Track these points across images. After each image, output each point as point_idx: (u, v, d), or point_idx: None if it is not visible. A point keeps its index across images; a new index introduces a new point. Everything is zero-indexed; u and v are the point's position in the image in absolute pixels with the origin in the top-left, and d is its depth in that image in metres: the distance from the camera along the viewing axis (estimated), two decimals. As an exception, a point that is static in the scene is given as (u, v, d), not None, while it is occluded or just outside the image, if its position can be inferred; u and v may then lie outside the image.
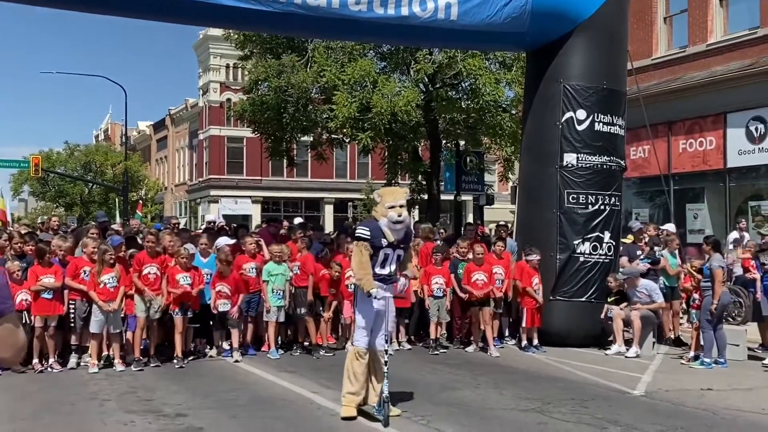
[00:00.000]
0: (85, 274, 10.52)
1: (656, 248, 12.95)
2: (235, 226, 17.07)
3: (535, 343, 12.16)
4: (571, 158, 12.67)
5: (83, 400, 8.51)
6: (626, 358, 11.46)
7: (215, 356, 11.32)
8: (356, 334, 7.81)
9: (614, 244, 12.84)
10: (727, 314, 12.02)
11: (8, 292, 2.88)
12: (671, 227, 14.20)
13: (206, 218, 24.32)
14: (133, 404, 8.27)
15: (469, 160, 24.87)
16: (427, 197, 24.37)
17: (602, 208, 12.72)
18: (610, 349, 12.01)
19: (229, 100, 43.63)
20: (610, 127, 12.86)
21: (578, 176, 12.66)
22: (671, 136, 20.13)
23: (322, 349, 11.69)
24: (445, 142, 24.50)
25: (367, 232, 7.54)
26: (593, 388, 9.31)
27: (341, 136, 22.98)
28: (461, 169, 24.78)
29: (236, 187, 48.34)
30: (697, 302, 11.22)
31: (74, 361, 10.47)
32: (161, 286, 10.79)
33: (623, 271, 12.28)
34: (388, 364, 7.47)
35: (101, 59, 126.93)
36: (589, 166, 12.69)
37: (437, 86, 21.49)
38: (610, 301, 12.28)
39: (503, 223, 17.29)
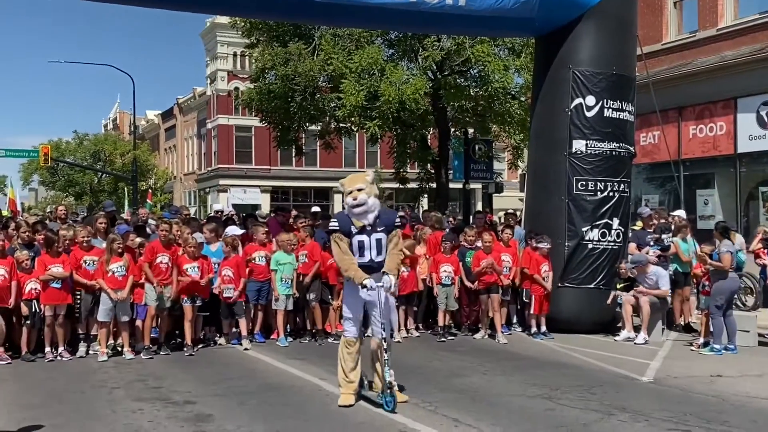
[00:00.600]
0: (86, 264, 10.55)
1: (664, 235, 12.88)
2: (244, 215, 17.09)
3: (543, 329, 12.16)
4: (580, 145, 12.61)
5: (92, 388, 8.55)
6: (635, 344, 11.42)
7: (224, 344, 11.37)
8: (344, 323, 7.96)
9: (623, 230, 12.80)
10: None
11: None
12: (682, 213, 14.13)
13: (214, 207, 24.33)
14: (141, 392, 8.31)
15: (477, 147, 24.79)
16: (435, 186, 24.32)
17: (611, 194, 12.66)
18: (618, 335, 11.99)
19: (236, 88, 43.56)
20: (619, 113, 12.79)
21: (587, 163, 12.60)
22: (681, 121, 19.99)
23: (330, 336, 11.72)
24: (453, 129, 24.42)
25: (335, 223, 7.66)
26: (601, 374, 9.29)
27: (349, 124, 22.91)
28: (470, 157, 24.73)
29: (245, 176, 48.35)
30: (706, 288, 11.17)
31: (83, 349, 10.53)
32: (172, 275, 10.81)
33: (632, 258, 12.23)
34: (389, 351, 7.47)
35: (109, 48, 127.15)
36: (598, 152, 12.62)
37: (445, 73, 21.39)
38: (619, 287, 12.24)
39: (512, 211, 17.26)
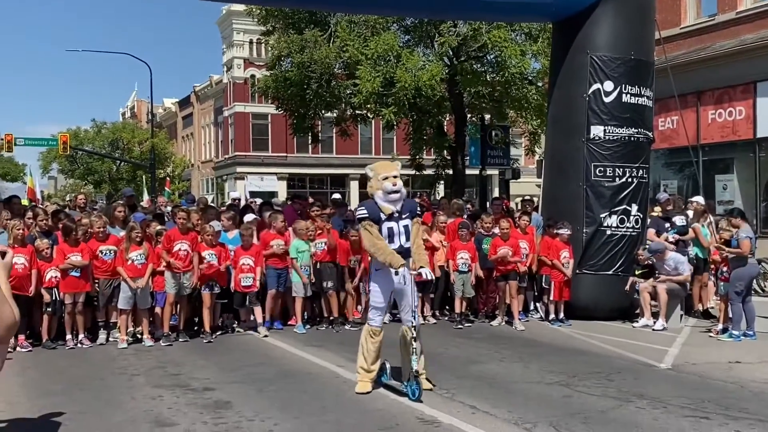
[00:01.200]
0: (102, 254, 10.61)
1: (677, 217, 12.85)
2: (260, 203, 17.11)
3: (561, 316, 12.14)
4: (598, 130, 12.53)
5: (112, 375, 8.64)
6: (653, 331, 11.38)
7: (242, 331, 11.43)
8: (370, 313, 7.87)
9: (642, 216, 12.73)
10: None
11: None
12: (700, 199, 14.02)
13: (231, 195, 24.42)
14: (161, 379, 8.38)
15: (494, 134, 24.71)
16: (452, 172, 24.26)
17: (630, 180, 12.59)
18: (637, 322, 11.95)
19: (253, 76, 43.61)
20: (637, 98, 12.69)
21: (605, 149, 12.53)
22: (700, 106, 19.81)
23: (348, 323, 11.76)
24: (470, 116, 24.33)
25: (363, 210, 7.59)
26: (619, 361, 9.26)
27: (365, 111, 22.88)
28: (486, 143, 24.65)
29: (262, 164, 48.44)
30: (725, 274, 11.10)
31: (103, 337, 10.64)
32: (192, 262, 10.85)
33: (650, 247, 12.15)
34: (417, 339, 7.47)
35: (126, 36, 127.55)
36: (616, 138, 12.54)
37: (462, 59, 21.30)
38: (637, 274, 12.18)
39: (528, 197, 17.18)
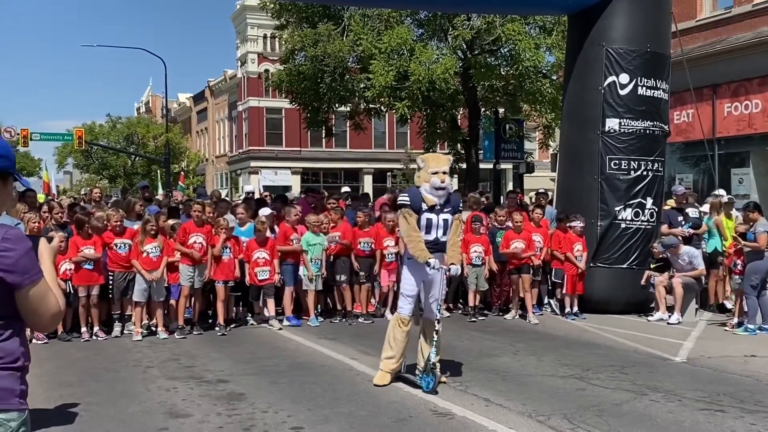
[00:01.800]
0: (117, 247, 10.66)
1: (690, 210, 12.76)
2: (273, 196, 17.12)
3: (575, 309, 12.09)
4: (613, 123, 12.47)
5: (127, 367, 8.68)
6: (668, 324, 11.33)
7: (256, 324, 11.46)
8: (400, 301, 7.80)
9: (657, 210, 12.66)
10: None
11: (33, 261, 2.60)
12: (722, 192, 13.90)
13: (245, 189, 24.51)
14: (175, 371, 8.41)
15: (508, 127, 24.60)
16: (465, 166, 24.20)
17: (645, 173, 12.52)
18: (652, 315, 11.89)
19: (266, 71, 43.66)
20: (653, 91, 12.61)
21: (620, 142, 12.46)
22: (716, 99, 19.65)
23: (361, 316, 11.77)
24: (483, 109, 24.27)
25: (406, 198, 7.57)
26: (633, 354, 9.22)
27: (379, 105, 22.86)
28: (500, 136, 24.54)
29: (276, 158, 48.54)
30: (739, 268, 11.02)
31: (118, 329, 10.69)
32: (207, 255, 10.89)
33: (663, 241, 12.08)
34: (439, 332, 7.47)
35: (140, 32, 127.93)
36: (631, 131, 12.48)
37: (475, 53, 21.23)
38: (652, 267, 12.12)
39: (543, 190, 17.10)
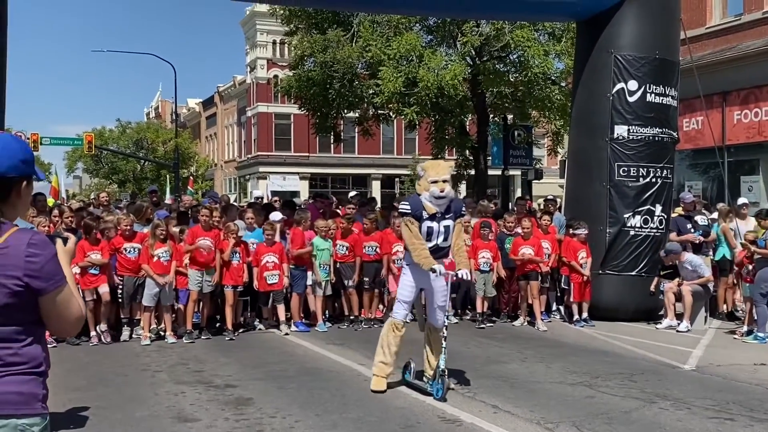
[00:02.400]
0: (126, 251, 10.70)
1: (699, 217, 12.73)
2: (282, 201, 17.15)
3: (584, 316, 12.06)
4: (622, 130, 12.44)
5: (135, 371, 8.70)
6: (677, 332, 11.28)
7: (264, 329, 11.47)
8: (395, 306, 7.85)
9: (666, 217, 12.62)
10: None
11: (58, 266, 2.63)
12: (744, 201, 13.82)
13: (254, 194, 24.58)
14: (183, 375, 8.43)
15: (517, 134, 24.59)
16: (474, 172, 24.19)
17: (654, 180, 12.49)
18: (660, 323, 11.85)
19: (276, 76, 43.77)
20: (662, 98, 12.58)
21: (629, 149, 12.44)
22: (726, 106, 19.61)
23: (370, 321, 11.76)
24: (492, 116, 24.25)
25: (407, 206, 7.57)
26: (642, 362, 9.19)
27: (387, 111, 22.89)
28: (509, 143, 24.54)
29: (284, 163, 48.64)
30: (750, 275, 10.96)
31: (126, 333, 10.72)
32: (215, 259, 10.91)
33: (665, 248, 12.03)
34: (446, 339, 7.45)
35: (150, 37, 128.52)
36: (640, 138, 12.45)
37: (484, 59, 21.24)
38: (662, 274, 12.06)
39: (551, 197, 17.08)
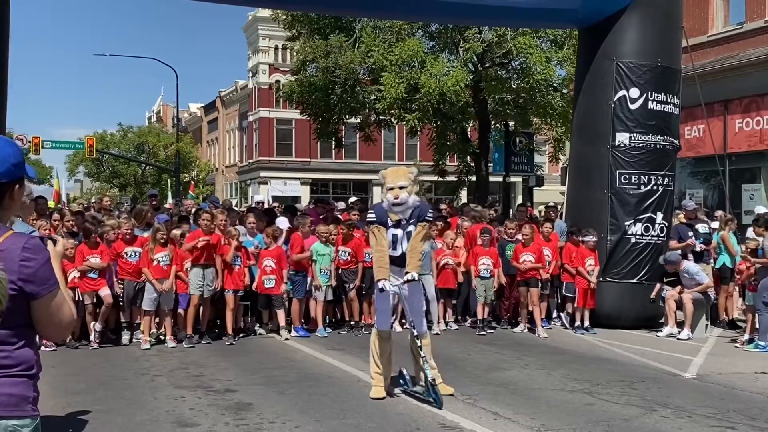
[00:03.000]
0: (127, 255, 10.70)
1: (700, 225, 12.75)
2: (282, 206, 17.18)
3: (585, 324, 12.04)
4: (623, 138, 12.45)
5: (135, 375, 8.68)
6: (678, 340, 11.26)
7: (264, 334, 11.46)
8: (376, 315, 8.01)
9: (667, 225, 12.61)
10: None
11: (51, 271, 2.61)
12: (761, 209, 13.81)
13: (255, 199, 24.57)
14: (183, 380, 8.42)
15: (518, 140, 24.60)
16: (475, 178, 24.19)
17: (655, 188, 12.48)
18: (661, 331, 11.83)
19: (278, 81, 43.82)
20: (664, 105, 12.59)
21: (630, 156, 12.44)
22: (727, 114, 19.62)
23: (370, 327, 11.72)
24: (494, 122, 24.27)
25: (372, 214, 7.67)
26: (643, 370, 9.17)
27: (389, 117, 22.90)
28: (510, 149, 24.55)
29: (285, 168, 48.65)
30: (752, 284, 10.94)
31: (126, 337, 10.70)
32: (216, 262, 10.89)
33: (665, 257, 12.02)
34: (423, 347, 7.41)
35: (152, 42, 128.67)
36: (641, 145, 12.45)
37: (486, 66, 21.26)
38: (666, 281, 12.04)
39: (553, 204, 17.08)
